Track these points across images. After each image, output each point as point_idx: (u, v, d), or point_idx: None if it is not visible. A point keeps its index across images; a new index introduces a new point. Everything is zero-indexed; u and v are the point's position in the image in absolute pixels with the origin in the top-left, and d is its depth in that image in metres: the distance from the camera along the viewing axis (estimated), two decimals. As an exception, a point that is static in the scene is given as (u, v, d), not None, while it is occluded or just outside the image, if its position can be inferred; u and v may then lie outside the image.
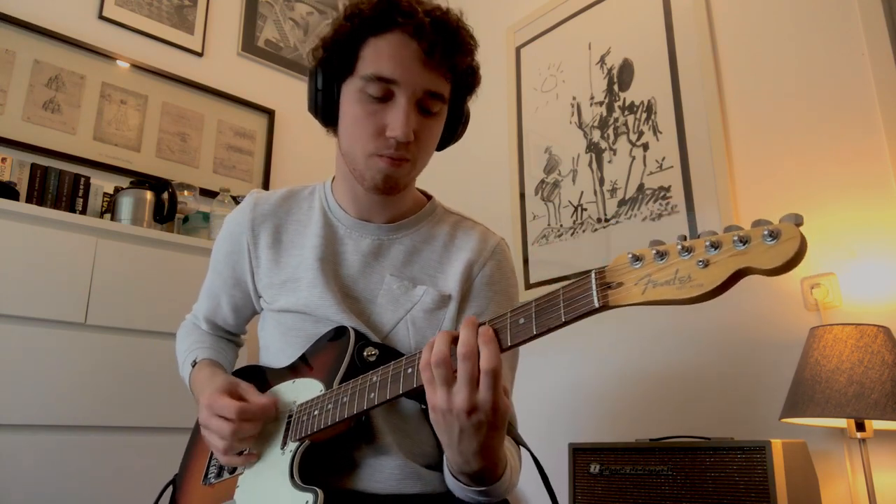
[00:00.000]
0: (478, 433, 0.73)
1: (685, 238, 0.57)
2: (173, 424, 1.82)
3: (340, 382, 0.90)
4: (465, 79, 0.99)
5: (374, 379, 0.83)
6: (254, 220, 1.07)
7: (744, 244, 0.53)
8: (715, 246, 0.55)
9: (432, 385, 0.73)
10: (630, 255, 0.60)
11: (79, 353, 1.78)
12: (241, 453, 0.95)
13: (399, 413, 0.98)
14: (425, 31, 0.90)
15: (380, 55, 0.91)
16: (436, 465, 0.99)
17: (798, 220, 0.52)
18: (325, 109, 0.98)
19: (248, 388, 0.97)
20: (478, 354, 0.70)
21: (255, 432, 0.93)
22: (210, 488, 1.01)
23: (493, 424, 0.72)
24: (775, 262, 0.51)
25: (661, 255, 0.58)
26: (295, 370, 1.01)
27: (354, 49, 0.93)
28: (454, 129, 1.03)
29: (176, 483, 1.10)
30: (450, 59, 0.93)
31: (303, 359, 1.01)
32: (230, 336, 1.23)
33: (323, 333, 0.99)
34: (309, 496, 0.83)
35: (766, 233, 0.52)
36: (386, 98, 0.92)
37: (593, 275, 0.63)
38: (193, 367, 1.10)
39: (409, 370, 0.78)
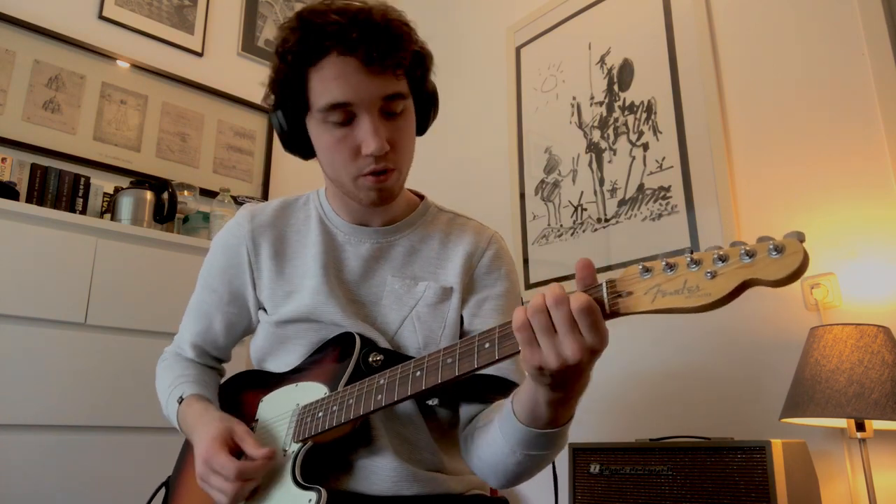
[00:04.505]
0: (584, 378, 0.73)
1: (692, 252, 0.61)
2: (173, 424, 1.82)
3: (345, 386, 0.90)
4: (416, 64, 0.96)
5: (381, 381, 0.83)
6: (253, 231, 1.06)
7: (750, 257, 0.56)
8: (722, 259, 0.58)
9: (531, 344, 0.68)
10: (640, 267, 0.63)
11: (79, 353, 1.78)
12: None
13: (398, 417, 0.98)
14: (356, 43, 0.88)
15: (326, 84, 0.90)
16: (433, 468, 0.99)
17: (801, 237, 0.55)
18: (300, 146, 1.00)
19: (243, 434, 0.92)
20: (567, 301, 0.66)
21: (257, 484, 0.90)
22: None
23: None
24: (779, 273, 0.55)
25: (671, 266, 0.61)
26: (297, 375, 1.00)
27: (300, 86, 0.92)
28: (426, 112, 1.02)
29: (169, 485, 1.10)
30: (391, 58, 0.90)
31: (306, 364, 1.01)
32: (215, 363, 1.19)
33: (327, 340, 0.99)
34: (312, 495, 0.83)
35: (771, 247, 0.55)
36: (349, 120, 0.91)
37: (605, 284, 0.65)
38: (180, 403, 1.06)
39: (418, 373, 0.78)
